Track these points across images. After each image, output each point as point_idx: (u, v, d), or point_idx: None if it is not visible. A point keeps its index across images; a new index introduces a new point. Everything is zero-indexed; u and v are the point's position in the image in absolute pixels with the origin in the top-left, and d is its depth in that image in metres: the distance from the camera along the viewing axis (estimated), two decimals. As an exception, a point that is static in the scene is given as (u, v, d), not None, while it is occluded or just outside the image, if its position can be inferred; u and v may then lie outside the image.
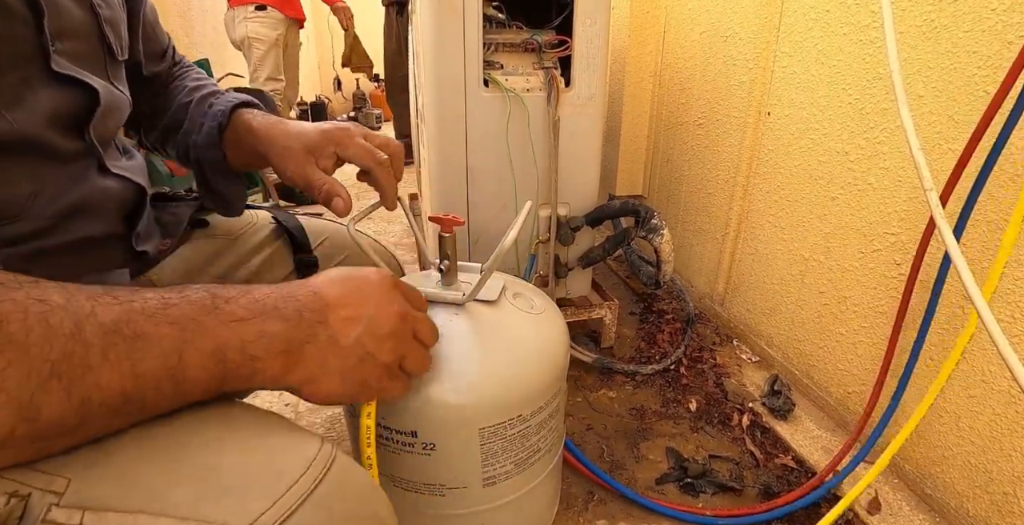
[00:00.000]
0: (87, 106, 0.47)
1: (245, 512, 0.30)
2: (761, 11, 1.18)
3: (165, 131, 0.66)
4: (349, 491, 0.35)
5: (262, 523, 0.30)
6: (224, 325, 0.33)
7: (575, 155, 1.18)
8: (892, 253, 0.92)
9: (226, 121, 0.60)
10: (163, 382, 0.31)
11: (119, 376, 0.29)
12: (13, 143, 0.41)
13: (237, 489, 0.31)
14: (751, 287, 1.34)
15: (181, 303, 0.33)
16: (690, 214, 1.57)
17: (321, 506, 0.32)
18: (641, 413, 1.18)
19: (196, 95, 0.64)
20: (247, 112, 0.60)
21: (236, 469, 0.32)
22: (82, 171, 0.49)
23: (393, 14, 3.16)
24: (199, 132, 0.61)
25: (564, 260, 1.27)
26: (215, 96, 0.64)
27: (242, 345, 0.34)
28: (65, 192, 0.46)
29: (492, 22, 1.07)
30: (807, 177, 1.10)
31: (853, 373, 1.04)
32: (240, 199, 0.66)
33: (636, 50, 1.67)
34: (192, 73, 0.69)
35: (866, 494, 0.92)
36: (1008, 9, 0.71)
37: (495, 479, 0.65)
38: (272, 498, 0.31)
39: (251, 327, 0.34)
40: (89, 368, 0.28)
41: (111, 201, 0.52)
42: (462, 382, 0.59)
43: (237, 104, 0.61)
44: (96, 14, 0.49)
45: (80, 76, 0.45)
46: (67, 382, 0.27)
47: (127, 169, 0.54)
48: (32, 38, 0.41)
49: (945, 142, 0.81)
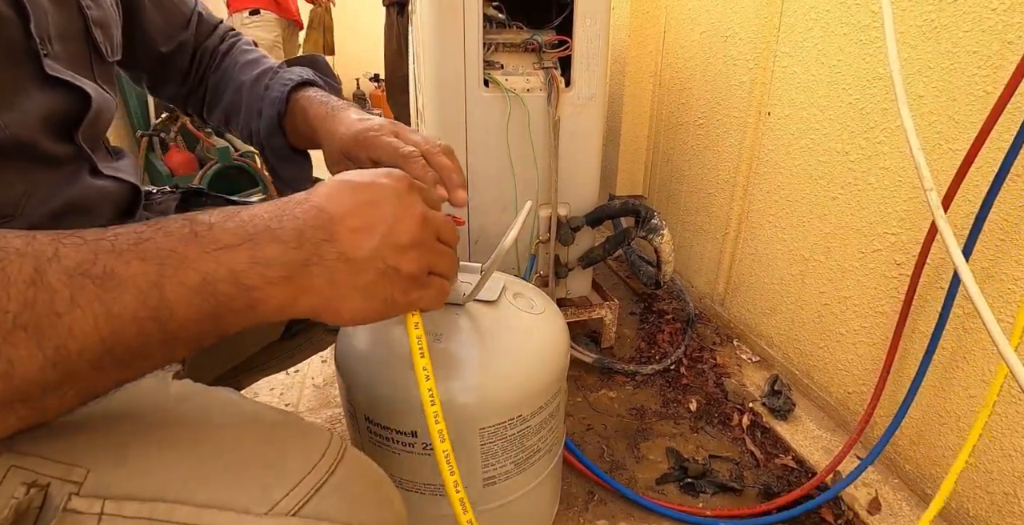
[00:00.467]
0: (78, 109, 0.46)
1: (264, 499, 0.31)
2: (761, 11, 1.18)
3: (226, 113, 0.66)
4: (360, 478, 0.36)
5: (281, 509, 0.30)
6: (208, 254, 0.29)
7: (575, 155, 1.18)
8: (892, 253, 0.92)
9: (284, 109, 0.59)
10: (146, 324, 0.28)
11: (93, 320, 0.27)
12: (5, 147, 0.40)
13: (254, 478, 0.31)
14: (751, 287, 1.34)
15: (156, 236, 0.29)
16: (690, 214, 1.57)
17: (335, 492, 0.33)
18: (641, 413, 1.18)
19: (251, 74, 0.63)
20: (303, 97, 0.59)
21: (252, 459, 0.32)
22: (74, 173, 0.48)
23: (393, 14, 3.16)
24: (259, 118, 0.61)
25: (564, 260, 1.27)
26: (270, 75, 0.62)
27: (233, 275, 0.30)
28: (59, 192, 0.46)
29: (492, 22, 1.07)
30: (807, 177, 1.10)
31: (853, 373, 1.04)
32: (304, 181, 0.66)
33: (636, 50, 1.67)
34: (241, 45, 0.69)
35: (866, 494, 0.92)
36: (1008, 9, 0.71)
37: (495, 479, 0.65)
38: (288, 486, 0.32)
39: (241, 254, 0.30)
40: (57, 315, 0.26)
41: (105, 201, 0.52)
42: (462, 382, 0.59)
43: (293, 87, 0.59)
44: (84, 16, 0.48)
45: (73, 80, 0.45)
46: (34, 332, 0.25)
47: (119, 169, 0.54)
48: (21, 41, 0.41)
49: (945, 142, 0.81)
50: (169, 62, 0.65)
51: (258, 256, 0.31)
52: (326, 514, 0.32)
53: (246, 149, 2.42)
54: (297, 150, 0.63)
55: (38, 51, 0.42)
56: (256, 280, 0.30)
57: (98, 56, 0.51)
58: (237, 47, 0.68)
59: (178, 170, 2.21)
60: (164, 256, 0.29)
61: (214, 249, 0.30)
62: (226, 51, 0.68)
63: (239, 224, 0.31)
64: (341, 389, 0.67)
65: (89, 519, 0.28)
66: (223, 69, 0.66)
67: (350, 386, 0.63)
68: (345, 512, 0.34)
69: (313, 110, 0.57)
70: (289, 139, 0.62)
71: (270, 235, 0.31)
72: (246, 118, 0.63)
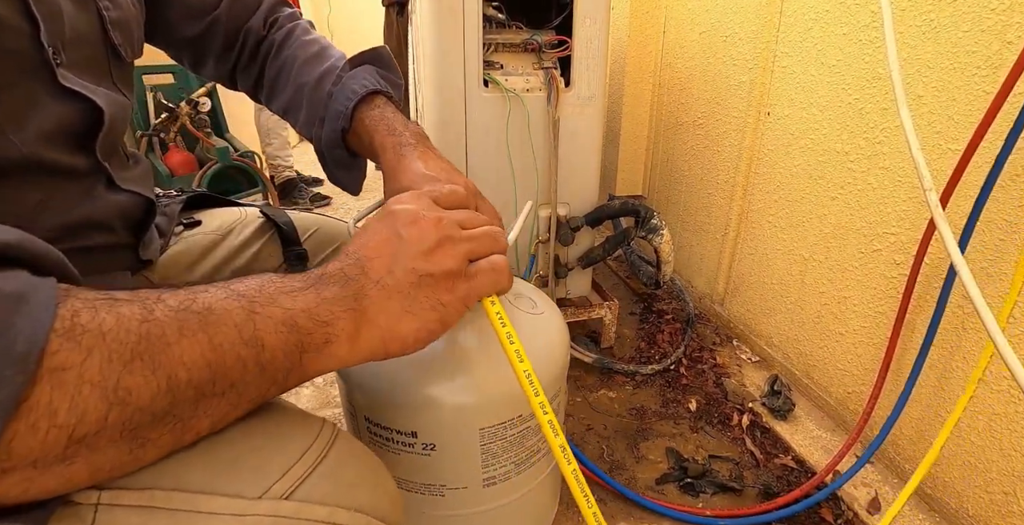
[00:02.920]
0: (93, 122, 0.46)
1: (257, 484, 0.31)
2: (761, 11, 1.18)
3: (285, 109, 0.66)
4: (353, 463, 0.37)
5: (274, 492, 0.31)
6: (287, 295, 0.33)
7: (575, 155, 1.18)
8: (892, 253, 0.92)
9: (348, 125, 0.59)
10: (243, 352, 0.31)
11: (199, 349, 0.29)
12: (19, 164, 0.40)
13: (247, 463, 0.32)
14: (751, 287, 1.34)
15: (244, 282, 0.33)
16: (690, 214, 1.57)
17: (327, 476, 0.34)
18: (641, 413, 1.18)
19: (313, 75, 0.62)
20: (368, 117, 0.58)
21: (245, 446, 0.33)
22: (91, 187, 0.48)
23: (393, 14, 3.16)
24: (320, 127, 0.61)
25: (564, 260, 1.27)
26: (333, 80, 0.61)
27: (308, 311, 0.33)
28: (74, 206, 0.46)
29: (492, 22, 1.07)
30: (807, 177, 1.10)
31: (853, 373, 1.04)
32: (358, 183, 0.67)
33: (636, 50, 1.67)
34: (299, 34, 0.67)
35: (866, 493, 0.92)
36: (1008, 9, 0.71)
37: (495, 480, 0.65)
38: (281, 471, 0.33)
39: (310, 294, 0.34)
40: (168, 345, 0.28)
41: (121, 215, 0.52)
42: (462, 382, 0.59)
43: (357, 102, 0.59)
44: (102, 17, 0.48)
45: (86, 91, 0.44)
46: (150, 360, 0.27)
47: (136, 181, 0.54)
48: (32, 52, 0.40)
49: (945, 142, 0.81)
50: (200, 43, 0.64)
51: (323, 295, 0.35)
52: (319, 498, 0.33)
53: (246, 149, 2.42)
54: (355, 155, 0.63)
55: (51, 61, 0.41)
56: (326, 315, 0.34)
57: (116, 58, 0.50)
58: (295, 37, 0.66)
59: (178, 170, 2.21)
60: (252, 295, 0.32)
61: (289, 291, 0.34)
62: (283, 40, 0.66)
63: (304, 274, 0.36)
64: (341, 389, 0.67)
65: (87, 510, 0.28)
66: (282, 61, 0.65)
67: (350, 386, 0.63)
68: (337, 496, 0.34)
69: (379, 140, 0.57)
70: (349, 149, 0.62)
71: (327, 279, 0.36)
72: (306, 122, 0.63)
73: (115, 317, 0.27)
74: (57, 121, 0.42)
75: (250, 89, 0.69)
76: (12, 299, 0.24)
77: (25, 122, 0.40)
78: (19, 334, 0.23)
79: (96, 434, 0.26)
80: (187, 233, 0.68)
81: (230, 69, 0.68)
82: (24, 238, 0.27)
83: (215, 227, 0.70)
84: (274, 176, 2.72)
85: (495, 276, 0.41)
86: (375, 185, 0.53)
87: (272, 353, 0.32)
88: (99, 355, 0.26)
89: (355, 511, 0.34)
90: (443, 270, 0.38)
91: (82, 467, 0.27)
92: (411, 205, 0.41)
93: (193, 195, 0.72)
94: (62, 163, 0.44)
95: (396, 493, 0.41)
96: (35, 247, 0.27)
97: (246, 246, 0.70)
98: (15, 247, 0.26)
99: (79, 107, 0.44)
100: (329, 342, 0.34)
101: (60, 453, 0.25)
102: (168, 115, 2.20)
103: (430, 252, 0.38)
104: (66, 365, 0.25)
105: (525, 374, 0.43)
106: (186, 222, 0.68)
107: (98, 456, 0.27)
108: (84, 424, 0.25)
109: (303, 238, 0.73)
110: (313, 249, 0.74)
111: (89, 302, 0.27)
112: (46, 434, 0.24)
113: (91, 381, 0.25)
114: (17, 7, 0.38)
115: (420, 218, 0.40)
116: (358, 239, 0.40)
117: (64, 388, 0.25)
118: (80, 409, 0.25)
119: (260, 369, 0.32)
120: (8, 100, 0.39)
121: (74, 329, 0.25)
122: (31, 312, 0.24)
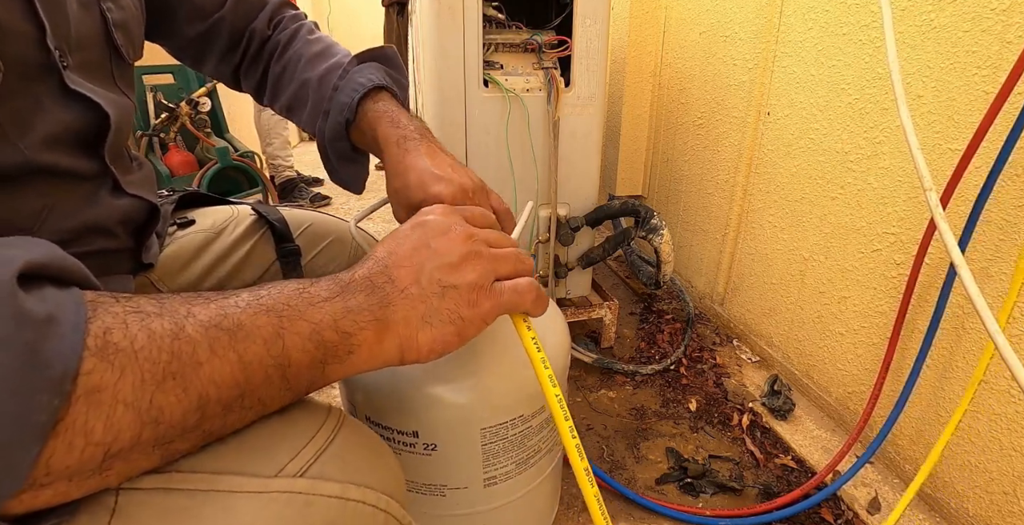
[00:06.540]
0: (99, 125, 0.46)
1: (271, 464, 0.32)
2: (761, 11, 1.18)
3: (289, 106, 0.66)
4: (359, 444, 0.38)
5: (288, 471, 0.33)
6: (314, 307, 0.34)
7: (575, 155, 1.18)
8: (892, 253, 0.93)
9: (352, 117, 0.59)
10: (270, 370, 0.31)
11: (230, 368, 0.30)
12: (23, 170, 0.40)
13: (261, 446, 0.33)
14: (751, 287, 1.34)
15: (271, 293, 0.34)
16: (690, 214, 1.57)
17: (337, 456, 0.35)
18: (641, 413, 1.18)
19: (317, 70, 0.62)
20: (372, 111, 0.58)
21: (257, 431, 0.34)
22: (96, 191, 0.48)
23: (393, 14, 3.16)
24: (324, 119, 0.61)
25: (564, 260, 1.27)
26: (339, 74, 0.61)
27: (334, 323, 0.34)
28: (78, 212, 0.46)
29: (492, 22, 1.07)
30: (807, 177, 1.10)
31: (853, 373, 1.04)
32: (361, 181, 0.66)
33: (636, 50, 1.67)
34: (304, 34, 0.67)
35: (866, 493, 0.93)
36: (1008, 9, 0.71)
37: (496, 479, 0.65)
38: (293, 452, 0.34)
39: (337, 304, 0.35)
40: (199, 364, 0.28)
41: (124, 220, 0.52)
42: (463, 382, 0.59)
43: (363, 95, 0.59)
44: (105, 19, 0.48)
45: (92, 95, 0.44)
46: (182, 380, 0.28)
47: (140, 185, 0.54)
48: (38, 55, 0.40)
49: (945, 142, 0.81)
50: (203, 42, 0.64)
51: (349, 305, 0.35)
52: (331, 475, 0.34)
53: (246, 149, 2.42)
54: (358, 150, 0.63)
55: (57, 64, 0.41)
56: (351, 327, 0.35)
57: (119, 59, 0.50)
58: (300, 37, 0.66)
59: (177, 170, 2.21)
60: (280, 310, 0.33)
61: (318, 302, 0.34)
62: (288, 40, 0.66)
63: (331, 282, 0.36)
64: (342, 388, 0.67)
65: (108, 494, 0.29)
66: (286, 59, 0.65)
67: (351, 386, 0.63)
68: (348, 473, 0.35)
69: (383, 132, 0.56)
70: (353, 143, 0.62)
71: (354, 287, 0.36)
72: (311, 116, 0.63)
73: (147, 334, 0.27)
74: (64, 125, 0.42)
75: (253, 90, 0.70)
76: (43, 323, 0.24)
77: (30, 127, 0.40)
78: (53, 358, 0.24)
79: (130, 449, 0.27)
80: (180, 233, 0.68)
81: (233, 69, 0.68)
82: (53, 256, 0.27)
83: (208, 226, 0.70)
84: (274, 176, 2.73)
85: (518, 297, 0.42)
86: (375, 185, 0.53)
87: (298, 368, 0.33)
88: (132, 375, 0.26)
89: (365, 487, 0.36)
90: (467, 284, 0.39)
91: (114, 475, 0.27)
92: (443, 218, 0.42)
93: (184, 194, 0.72)
94: (68, 168, 0.44)
95: (399, 472, 0.42)
96: (64, 263, 0.28)
97: (239, 244, 0.70)
98: (46, 266, 0.26)
99: (86, 110, 0.44)
100: (352, 353, 0.35)
101: (96, 467, 0.26)
102: (168, 115, 2.20)
103: (457, 265, 0.39)
104: (100, 386, 0.25)
105: (556, 398, 0.43)
106: (179, 222, 0.68)
107: (131, 466, 0.28)
108: (119, 441, 0.26)
109: (296, 234, 0.73)
110: (306, 245, 0.74)
111: (119, 317, 0.27)
112: (82, 452, 0.25)
113: (124, 401, 0.26)
114: (22, 10, 0.38)
115: (451, 231, 0.41)
116: (387, 245, 0.40)
117: (100, 408, 0.25)
118: (115, 429, 0.26)
119: (285, 383, 0.33)
120: (13, 105, 0.39)
121: (107, 348, 0.26)
122: (63, 334, 0.24)
